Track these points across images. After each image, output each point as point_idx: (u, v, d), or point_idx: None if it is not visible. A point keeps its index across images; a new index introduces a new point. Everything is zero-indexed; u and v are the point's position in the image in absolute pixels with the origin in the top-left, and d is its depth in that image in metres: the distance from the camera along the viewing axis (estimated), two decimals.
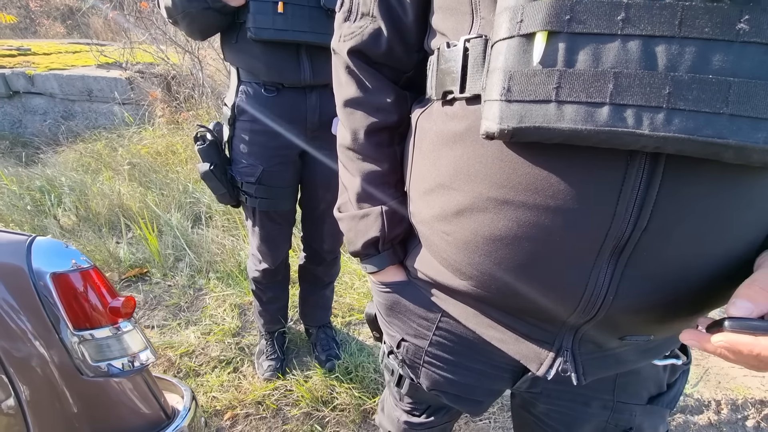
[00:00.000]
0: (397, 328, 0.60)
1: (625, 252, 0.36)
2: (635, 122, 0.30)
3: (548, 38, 0.32)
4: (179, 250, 2.08)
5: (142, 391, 0.80)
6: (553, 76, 0.32)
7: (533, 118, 0.33)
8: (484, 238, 0.41)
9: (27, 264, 0.68)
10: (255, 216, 1.21)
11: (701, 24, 0.29)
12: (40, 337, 0.69)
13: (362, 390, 1.38)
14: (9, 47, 4.56)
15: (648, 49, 0.30)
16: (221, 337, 1.59)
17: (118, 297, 0.75)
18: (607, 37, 0.31)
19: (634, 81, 0.30)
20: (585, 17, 0.31)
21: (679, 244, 0.36)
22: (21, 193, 2.52)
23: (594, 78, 0.31)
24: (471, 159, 0.41)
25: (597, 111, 0.31)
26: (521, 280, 0.41)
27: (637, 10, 0.30)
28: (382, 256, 0.57)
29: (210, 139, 1.12)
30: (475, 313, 0.51)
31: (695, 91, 0.29)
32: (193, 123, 3.26)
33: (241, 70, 1.08)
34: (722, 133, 0.29)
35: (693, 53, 0.29)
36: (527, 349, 0.48)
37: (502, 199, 0.39)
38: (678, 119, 0.30)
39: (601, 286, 0.38)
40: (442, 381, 0.59)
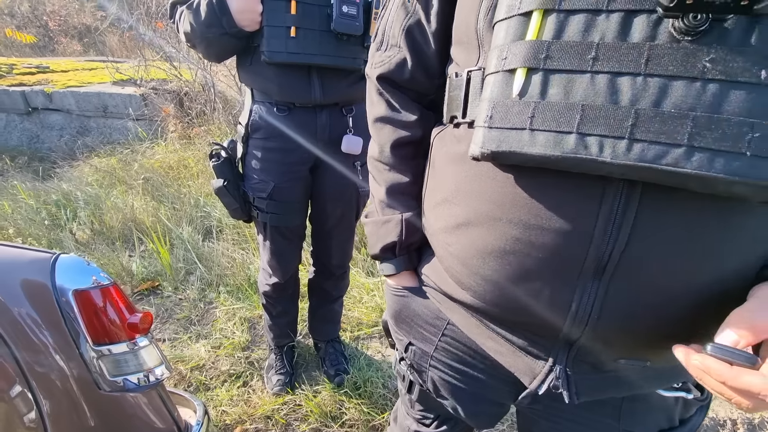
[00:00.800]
0: (405, 332, 0.63)
1: (606, 272, 0.38)
2: (598, 150, 0.33)
3: (527, 74, 0.36)
4: (190, 264, 2.11)
5: (156, 406, 0.82)
6: (528, 107, 0.36)
7: (509, 143, 0.37)
8: (478, 251, 0.44)
9: (51, 281, 0.71)
10: (266, 231, 1.23)
11: (666, 62, 0.32)
12: (61, 351, 0.71)
13: (371, 406, 1.37)
14: (29, 65, 4.73)
15: (614, 84, 0.33)
16: (231, 351, 1.60)
17: (136, 313, 0.78)
18: (578, 74, 0.34)
19: (600, 113, 0.33)
20: (559, 56, 0.35)
21: (660, 268, 0.37)
22: (38, 208, 2.58)
23: (564, 109, 0.35)
24: (469, 177, 0.45)
25: (564, 139, 0.35)
26: (512, 293, 0.44)
27: (607, 50, 0.33)
28: (398, 260, 0.61)
29: (224, 156, 1.16)
30: (476, 324, 0.53)
31: (656, 123, 0.32)
32: (204, 138, 3.33)
33: (255, 91, 1.12)
34: (680, 163, 0.31)
35: (657, 88, 0.32)
36: (522, 363, 0.49)
37: (493, 215, 0.42)
38: (638, 148, 0.32)
39: (585, 305, 0.40)
40: (447, 387, 0.61)
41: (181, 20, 1.03)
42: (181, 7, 1.04)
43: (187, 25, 1.00)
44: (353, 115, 1.15)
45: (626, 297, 0.39)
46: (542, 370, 0.47)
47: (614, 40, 0.33)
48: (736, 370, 0.32)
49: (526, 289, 0.42)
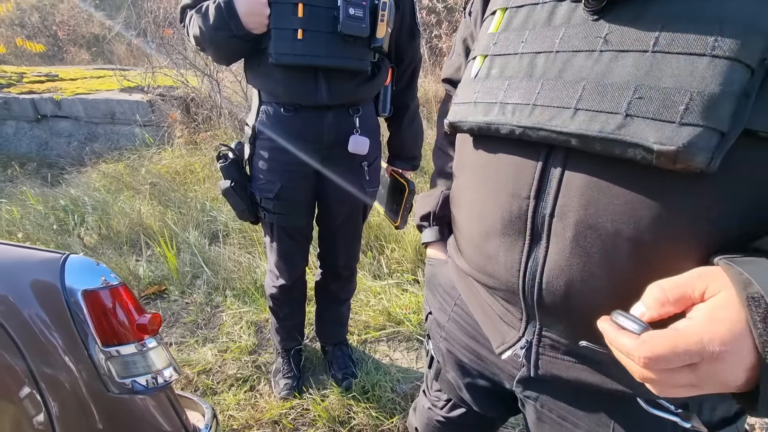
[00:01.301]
0: (429, 300, 0.69)
1: (544, 234, 0.41)
2: (511, 116, 0.40)
3: (483, 60, 0.46)
4: (197, 268, 2.11)
5: (165, 409, 0.81)
6: (477, 85, 0.45)
7: (460, 114, 0.47)
8: (464, 216, 0.52)
9: (60, 281, 0.71)
10: (273, 232, 1.23)
11: (572, 39, 0.38)
12: (70, 352, 0.70)
13: (380, 410, 1.35)
14: (38, 73, 4.80)
15: (533, 62, 0.40)
16: (238, 355, 1.59)
17: (144, 314, 0.77)
18: (512, 56, 0.42)
19: (518, 85, 0.41)
20: (502, 43, 0.44)
21: (584, 231, 0.39)
22: (46, 213, 2.60)
23: (496, 85, 0.43)
24: (462, 151, 0.54)
25: (491, 107, 0.42)
26: (482, 254, 0.48)
27: (534, 35, 0.41)
28: (431, 230, 0.69)
29: (231, 158, 1.16)
30: (474, 293, 0.56)
31: (555, 91, 0.37)
32: (210, 143, 3.35)
33: (262, 92, 1.12)
34: (565, 124, 0.36)
35: (561, 62, 0.38)
36: (496, 330, 0.52)
37: (468, 182, 0.50)
38: (537, 112, 0.38)
39: (533, 266, 0.42)
40: (454, 360, 0.63)
41: (190, 24, 1.04)
42: (191, 11, 1.04)
43: (196, 29, 1.01)
44: (360, 116, 1.15)
45: (563, 260, 0.40)
46: (512, 339, 0.49)
47: (542, 26, 0.40)
48: (618, 333, 0.33)
49: (490, 250, 0.47)
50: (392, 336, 1.71)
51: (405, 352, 1.63)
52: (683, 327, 0.30)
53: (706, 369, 0.29)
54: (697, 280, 0.32)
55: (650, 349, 0.30)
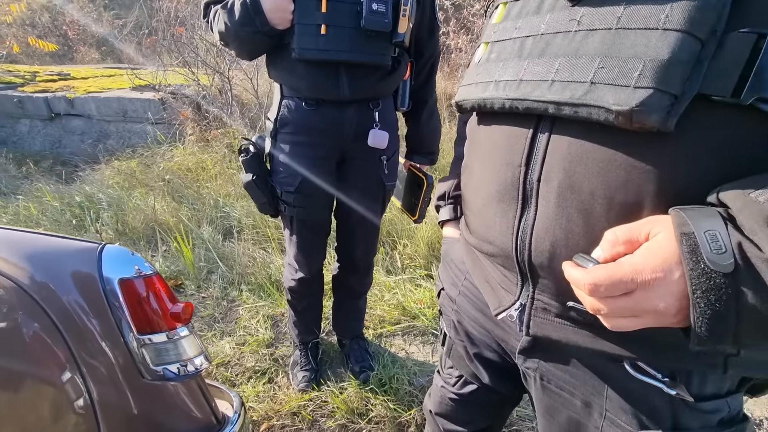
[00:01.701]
0: (443, 276, 0.73)
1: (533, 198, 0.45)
2: (502, 91, 0.46)
3: (486, 47, 0.52)
4: (211, 263, 2.13)
5: (195, 396, 0.82)
6: (479, 68, 0.51)
7: (464, 94, 0.53)
8: (470, 189, 0.57)
9: (98, 270, 0.72)
10: (293, 225, 1.24)
11: (554, 23, 0.43)
12: (107, 339, 0.72)
13: (397, 402, 1.37)
14: (51, 72, 4.86)
15: (522, 45, 0.46)
16: (255, 348, 1.61)
17: (177, 303, 0.79)
18: (507, 41, 0.48)
19: (509, 64, 0.47)
20: (501, 31, 0.50)
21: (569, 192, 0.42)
22: (63, 209, 2.64)
23: (493, 66, 0.49)
24: (469, 131, 0.60)
25: (487, 86, 0.48)
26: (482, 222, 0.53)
27: (525, 21, 0.47)
28: (446, 209, 0.75)
29: (253, 151, 1.17)
30: (477, 263, 0.60)
31: (537, 67, 0.43)
32: (221, 141, 3.38)
33: (284, 87, 1.13)
34: (543, 94, 0.41)
35: (544, 42, 0.43)
36: (495, 296, 0.55)
37: (473, 157, 0.56)
38: (523, 86, 0.44)
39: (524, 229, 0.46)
40: (464, 333, 0.67)
41: (215, 20, 1.05)
42: (215, 7, 1.06)
43: (221, 25, 1.02)
44: (379, 110, 1.16)
45: (551, 222, 0.44)
46: (507, 302, 0.53)
47: (533, 14, 0.46)
48: (573, 268, 0.38)
49: (488, 217, 0.51)
50: (407, 330, 1.72)
51: (420, 346, 1.64)
52: (623, 260, 0.35)
53: (641, 296, 0.33)
54: (644, 225, 0.36)
55: (592, 277, 0.35)
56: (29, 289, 0.67)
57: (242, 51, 1.08)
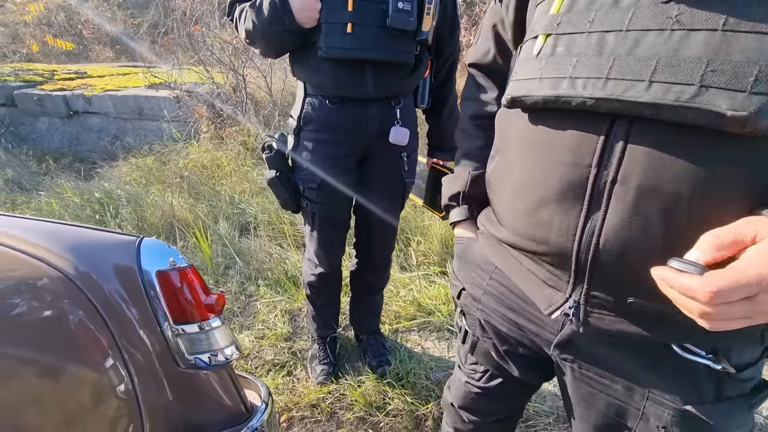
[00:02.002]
0: (462, 277, 0.71)
1: (603, 198, 0.44)
2: (582, 89, 0.43)
3: (545, 39, 0.48)
4: (228, 258, 2.17)
5: (226, 385, 0.85)
6: (541, 62, 0.48)
7: (524, 89, 0.49)
8: (510, 188, 0.55)
9: (137, 263, 0.75)
10: (314, 221, 1.27)
11: (643, 19, 0.41)
12: (146, 327, 0.75)
13: (414, 396, 1.39)
14: (68, 71, 4.95)
15: (602, 40, 0.43)
16: (274, 342, 1.64)
17: (211, 294, 0.81)
18: (578, 34, 0.45)
19: (588, 60, 0.44)
20: (567, 22, 0.46)
21: (648, 193, 0.42)
22: (83, 205, 2.70)
23: (564, 61, 0.46)
24: (507, 128, 0.57)
25: (560, 82, 0.45)
26: (532, 222, 0.51)
27: (602, 14, 0.44)
28: (461, 210, 0.73)
29: (276, 148, 1.19)
30: (512, 261, 0.59)
31: (628, 65, 0.41)
32: (236, 138, 3.42)
33: (308, 85, 1.16)
34: (640, 94, 0.39)
35: (632, 40, 0.41)
36: (542, 294, 0.54)
37: (520, 155, 0.53)
38: (611, 85, 0.41)
39: (589, 229, 0.46)
40: (492, 332, 0.67)
41: (242, 19, 1.07)
42: (242, 5, 1.08)
43: (249, 23, 1.04)
44: (401, 107, 1.17)
45: (622, 221, 0.43)
46: (559, 300, 0.52)
47: (609, 7, 0.43)
48: (680, 275, 0.36)
49: (543, 218, 0.50)
50: (423, 326, 1.73)
51: (436, 342, 1.66)
52: (741, 265, 0.35)
53: (763, 299, 0.34)
54: (745, 227, 0.36)
55: (716, 285, 0.34)
56: (74, 278, 0.70)
57: (269, 49, 1.10)
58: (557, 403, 1.37)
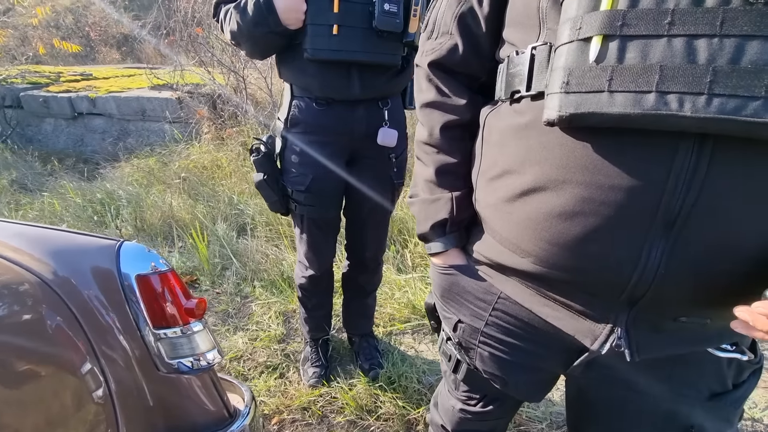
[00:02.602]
0: (454, 309, 0.65)
1: (675, 227, 0.40)
2: (678, 106, 0.36)
3: (603, 41, 0.39)
4: (226, 259, 2.18)
5: (208, 389, 0.85)
6: (606, 71, 0.39)
7: (588, 105, 0.39)
8: (545, 215, 0.46)
9: (116, 266, 0.75)
10: (303, 223, 1.26)
11: (740, 23, 0.34)
12: (125, 332, 0.75)
13: (406, 400, 1.38)
14: (74, 73, 5.01)
15: (690, 46, 0.36)
16: (267, 343, 1.64)
17: (191, 298, 0.81)
18: (653, 38, 0.37)
19: (678, 72, 0.36)
20: (635, 22, 0.37)
21: (728, 221, 0.39)
22: (84, 205, 2.73)
23: (642, 71, 0.37)
24: (535, 146, 0.47)
25: (644, 97, 0.37)
26: (578, 253, 0.45)
27: (682, 15, 0.36)
28: (449, 238, 0.64)
29: (264, 151, 1.19)
30: (531, 293, 0.54)
31: (734, 78, 0.34)
32: (236, 139, 3.43)
33: (294, 87, 1.15)
34: (759, 113, 0.34)
35: (732, 47, 0.35)
36: (582, 326, 0.50)
37: (562, 178, 0.44)
38: (717, 102, 0.35)
39: (654, 258, 0.41)
40: (497, 361, 0.62)
41: (227, 20, 1.07)
42: (226, 6, 1.08)
43: (233, 24, 1.04)
44: (389, 109, 1.17)
45: (693, 251, 0.40)
46: (603, 332, 0.48)
47: (689, 5, 0.35)
48: None
49: (594, 248, 0.44)
50: (417, 329, 1.72)
51: (430, 345, 1.65)
52: None
53: None
54: None
55: None
56: (52, 284, 0.70)
57: (254, 51, 1.10)
58: (550, 408, 1.36)
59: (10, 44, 6.86)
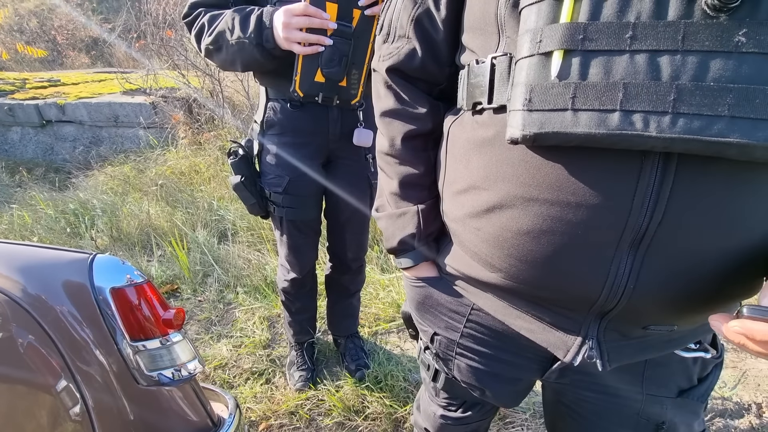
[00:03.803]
0: (429, 322, 0.65)
1: (643, 243, 0.39)
2: (643, 125, 0.35)
3: (564, 55, 0.37)
4: (207, 266, 2.14)
5: (191, 400, 0.84)
6: (569, 88, 0.37)
7: (552, 124, 0.38)
8: (512, 232, 0.45)
9: (90, 280, 0.74)
10: (282, 226, 1.26)
11: (702, 38, 0.33)
12: (101, 347, 0.74)
13: (393, 399, 1.39)
14: (41, 79, 4.83)
15: (653, 62, 0.34)
16: (252, 350, 1.63)
17: (169, 309, 0.80)
18: (616, 53, 0.35)
19: (641, 90, 0.34)
20: (596, 36, 0.36)
21: (694, 236, 0.38)
22: (57, 217, 2.64)
23: (605, 88, 0.36)
24: (499, 161, 0.45)
25: (609, 116, 0.35)
26: (547, 271, 0.45)
27: (644, 29, 0.34)
28: (417, 252, 0.62)
29: (241, 154, 1.19)
30: (504, 305, 0.54)
31: (698, 96, 0.33)
32: (214, 143, 3.38)
33: (269, 89, 1.15)
34: (723, 133, 0.33)
35: (695, 64, 0.33)
36: (554, 338, 0.50)
37: (528, 196, 0.43)
38: (682, 121, 0.34)
39: (622, 275, 0.41)
40: (474, 372, 0.63)
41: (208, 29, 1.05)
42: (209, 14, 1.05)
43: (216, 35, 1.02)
44: (363, 109, 1.17)
45: (661, 266, 0.40)
46: (575, 343, 0.49)
47: (650, 18, 0.34)
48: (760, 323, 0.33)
49: (563, 266, 0.43)
50: (402, 327, 1.74)
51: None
52: None
53: None
54: None
55: None
56: (22, 302, 0.68)
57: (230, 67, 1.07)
58: (533, 398, 1.39)
59: None
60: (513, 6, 0.42)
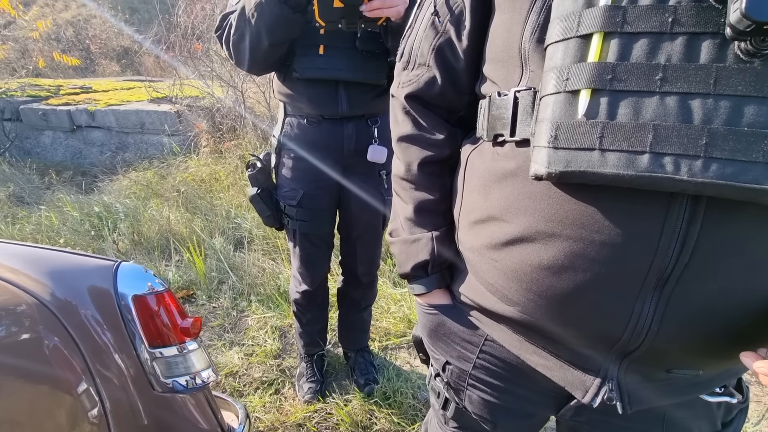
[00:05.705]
0: (441, 350, 0.63)
1: (668, 285, 0.39)
2: (674, 168, 0.34)
3: (592, 94, 0.36)
4: (222, 273, 2.18)
5: (203, 408, 0.86)
6: (596, 127, 0.36)
7: (578, 163, 0.37)
8: (532, 267, 0.44)
9: (114, 287, 0.77)
10: (296, 238, 1.29)
11: (735, 83, 0.33)
12: (121, 352, 0.76)
13: (401, 416, 1.38)
14: (74, 86, 5.06)
15: (684, 105, 0.34)
16: (263, 359, 1.64)
17: (187, 317, 0.82)
18: (646, 94, 0.35)
19: (672, 132, 0.34)
20: (625, 77, 0.35)
21: (722, 280, 0.38)
22: (82, 219, 2.74)
23: (634, 129, 0.35)
24: (521, 195, 0.45)
25: (638, 158, 0.35)
26: (566, 307, 0.44)
27: (674, 71, 0.34)
28: (431, 279, 0.61)
29: (259, 166, 1.23)
30: (519, 339, 0.53)
31: (731, 141, 0.33)
32: (234, 152, 3.46)
33: (287, 106, 1.19)
34: (759, 180, 0.32)
35: (728, 108, 0.33)
36: (572, 377, 0.49)
37: (550, 232, 0.42)
38: (715, 166, 0.33)
39: (645, 316, 0.40)
40: (486, 405, 0.61)
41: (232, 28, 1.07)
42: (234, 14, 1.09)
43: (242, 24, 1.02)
44: (378, 126, 1.20)
45: (686, 308, 0.40)
46: (594, 383, 0.47)
47: (681, 61, 0.34)
48: None
49: (585, 304, 0.43)
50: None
51: None
52: None
53: None
54: None
55: None
56: (50, 305, 0.71)
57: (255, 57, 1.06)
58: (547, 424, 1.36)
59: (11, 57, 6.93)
60: (538, 41, 0.42)
